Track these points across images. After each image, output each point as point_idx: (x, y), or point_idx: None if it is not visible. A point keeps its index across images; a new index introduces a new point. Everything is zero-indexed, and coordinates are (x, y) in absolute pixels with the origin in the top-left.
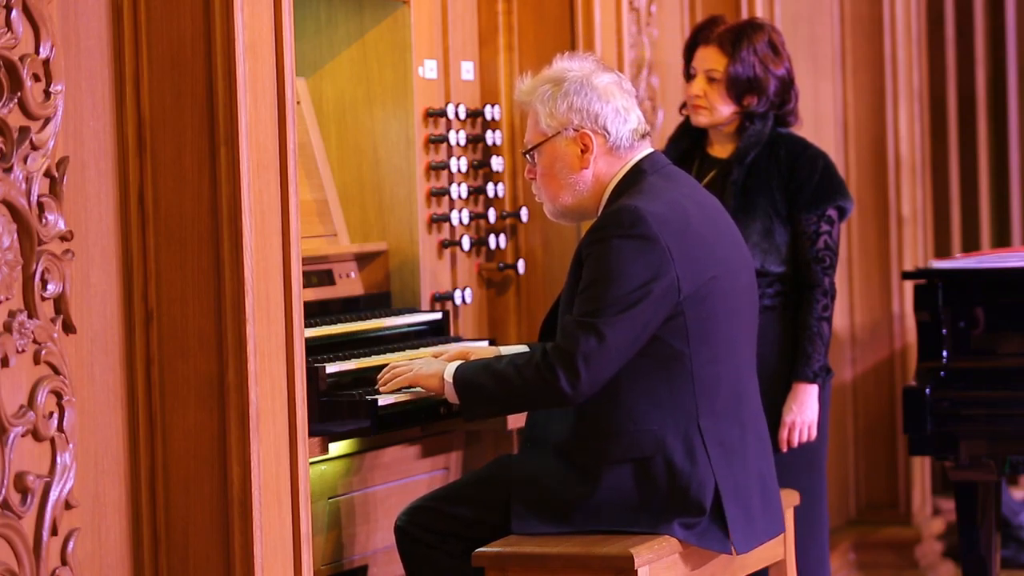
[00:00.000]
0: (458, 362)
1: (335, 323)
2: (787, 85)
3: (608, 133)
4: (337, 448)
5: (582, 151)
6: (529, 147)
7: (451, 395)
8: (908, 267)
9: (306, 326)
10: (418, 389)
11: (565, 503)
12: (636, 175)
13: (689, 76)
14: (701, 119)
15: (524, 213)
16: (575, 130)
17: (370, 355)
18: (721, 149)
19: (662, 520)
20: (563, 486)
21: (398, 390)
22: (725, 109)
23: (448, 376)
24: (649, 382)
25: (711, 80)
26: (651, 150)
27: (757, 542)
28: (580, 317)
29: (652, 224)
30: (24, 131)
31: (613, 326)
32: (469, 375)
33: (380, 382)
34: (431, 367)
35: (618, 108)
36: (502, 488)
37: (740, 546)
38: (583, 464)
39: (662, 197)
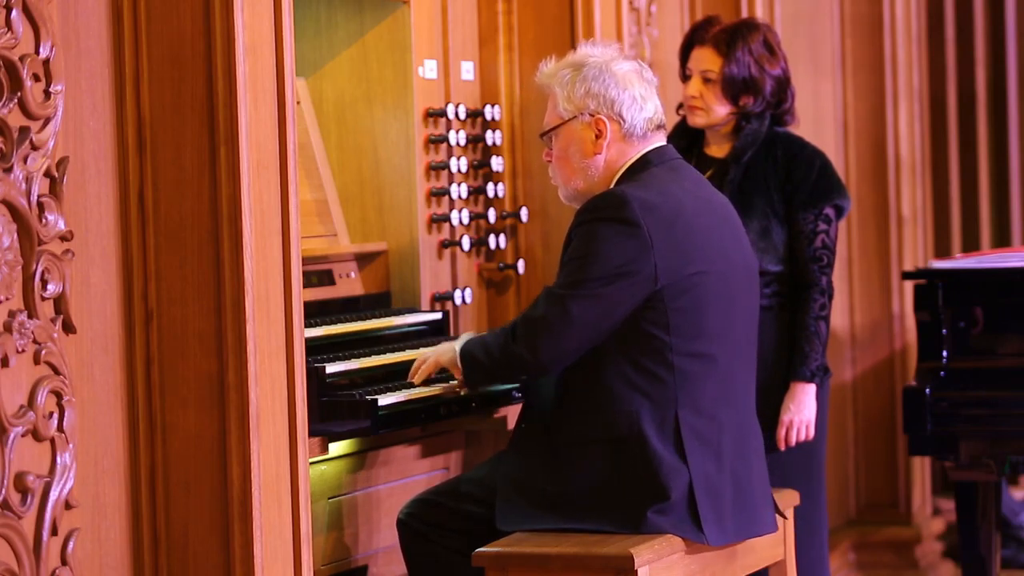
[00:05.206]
0: (467, 337)
1: (335, 323)
2: (783, 84)
3: (623, 120)
4: (337, 448)
5: (596, 136)
6: (546, 129)
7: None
8: (908, 267)
9: (306, 326)
10: (426, 389)
11: (543, 491)
12: (642, 165)
13: (685, 77)
14: (697, 120)
15: (524, 213)
16: (591, 115)
17: (370, 355)
18: (718, 149)
19: (635, 506)
20: (542, 472)
21: (425, 382)
22: (721, 109)
23: (458, 349)
24: (631, 368)
25: (707, 81)
26: (663, 143)
27: (729, 539)
28: (551, 288)
29: (636, 210)
30: (24, 131)
31: (578, 300)
32: (469, 346)
33: (411, 375)
34: (448, 345)
35: (635, 96)
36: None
37: (713, 538)
38: (563, 444)
39: (658, 187)
